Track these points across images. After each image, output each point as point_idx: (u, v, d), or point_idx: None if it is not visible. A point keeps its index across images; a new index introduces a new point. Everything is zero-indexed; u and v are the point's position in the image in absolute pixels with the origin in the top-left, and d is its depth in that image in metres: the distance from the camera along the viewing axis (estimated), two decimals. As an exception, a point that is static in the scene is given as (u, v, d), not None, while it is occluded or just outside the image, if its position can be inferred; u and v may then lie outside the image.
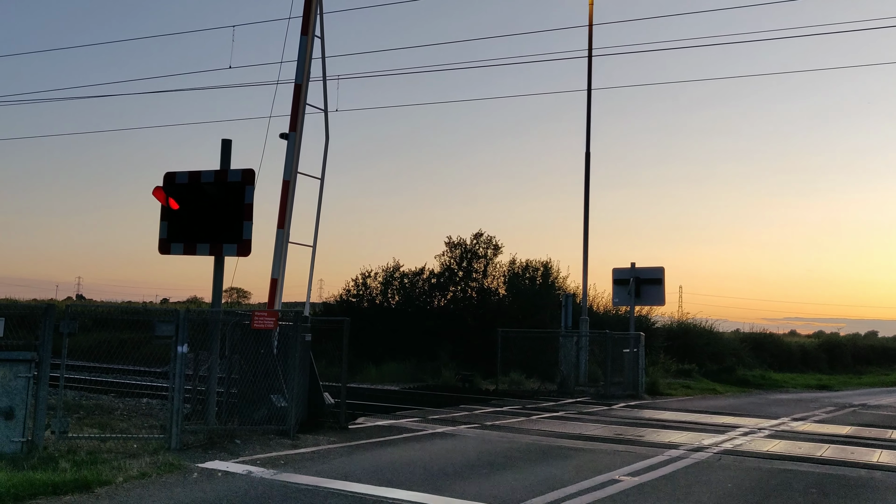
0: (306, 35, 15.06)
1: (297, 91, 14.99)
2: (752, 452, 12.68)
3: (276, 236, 14.26)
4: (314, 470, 9.85)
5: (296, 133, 14.70)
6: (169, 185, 13.20)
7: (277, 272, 13.91)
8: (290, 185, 14.56)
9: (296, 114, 14.86)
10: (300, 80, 15.00)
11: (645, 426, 15.99)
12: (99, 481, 8.50)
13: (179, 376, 11.18)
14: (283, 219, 14.34)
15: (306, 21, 15.10)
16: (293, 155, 14.64)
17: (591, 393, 23.66)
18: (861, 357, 53.17)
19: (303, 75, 15.00)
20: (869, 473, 11.06)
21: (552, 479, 9.81)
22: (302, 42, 15.05)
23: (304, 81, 14.99)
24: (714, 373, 34.23)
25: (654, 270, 26.50)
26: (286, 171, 14.62)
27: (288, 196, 14.55)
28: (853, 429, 16.87)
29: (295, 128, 14.73)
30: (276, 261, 14.11)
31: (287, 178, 14.55)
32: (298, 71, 15.06)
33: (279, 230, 14.26)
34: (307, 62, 15.05)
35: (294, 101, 14.95)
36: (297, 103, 14.92)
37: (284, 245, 14.29)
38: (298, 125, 14.81)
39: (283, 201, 14.53)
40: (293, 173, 14.61)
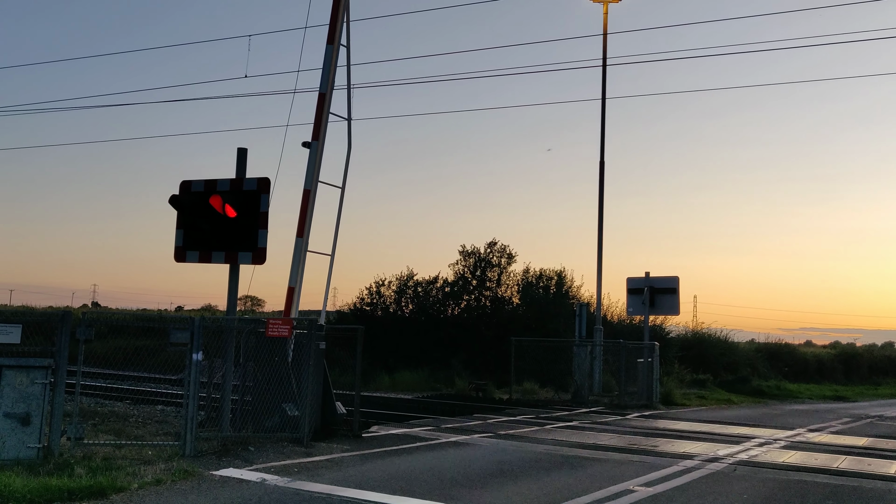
0: (332, 44, 14.97)
1: (320, 100, 14.87)
2: (767, 463, 12.59)
3: (295, 245, 14.20)
4: (328, 478, 9.86)
5: (318, 142, 14.61)
6: (185, 193, 13.29)
7: (295, 281, 13.90)
8: (311, 195, 14.47)
9: (319, 123, 14.75)
10: (324, 90, 14.87)
11: (659, 436, 15.91)
12: (114, 488, 8.54)
13: (194, 383, 11.23)
14: (302, 228, 14.26)
15: (332, 30, 15.03)
16: (315, 164, 14.52)
17: (605, 403, 23.57)
18: (878, 368, 52.68)
19: (327, 84, 14.88)
20: (886, 485, 10.96)
21: (566, 488, 9.78)
22: (328, 51, 14.96)
23: (328, 91, 14.87)
24: (729, 383, 34.02)
25: (668, 280, 26.40)
26: (307, 180, 14.53)
27: (308, 205, 14.46)
28: (870, 440, 16.72)
29: (317, 137, 14.63)
30: (293, 269, 14.07)
31: (308, 188, 14.46)
32: (323, 80, 14.94)
33: (298, 239, 14.20)
34: (332, 71, 14.95)
35: (318, 110, 14.83)
36: (321, 112, 14.79)
37: (303, 254, 14.28)
38: (321, 134, 14.71)
39: (304, 210, 14.41)
40: (314, 182, 14.53)
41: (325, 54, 14.99)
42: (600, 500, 9.14)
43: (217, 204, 12.83)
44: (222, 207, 12.87)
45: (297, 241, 14.20)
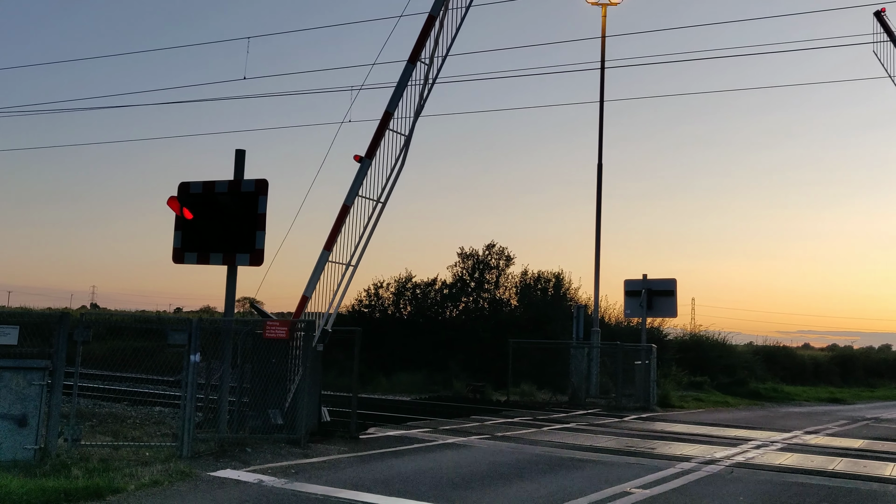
0: (413, 63, 14.76)
1: (385, 118, 14.56)
2: (764, 465, 12.62)
3: (321, 257, 13.95)
4: (325, 479, 9.87)
5: (371, 161, 14.32)
6: (183, 195, 13.30)
7: (311, 291, 13.81)
8: (350, 210, 14.18)
9: (377, 141, 14.46)
10: (392, 109, 14.57)
11: (656, 438, 15.93)
12: (111, 489, 8.55)
13: (191, 385, 11.24)
14: (332, 241, 14.00)
15: (417, 51, 14.83)
16: (361, 181, 14.28)
17: (602, 405, 23.59)
18: (874, 370, 52.72)
19: (397, 104, 14.59)
20: (882, 487, 10.99)
21: (563, 490, 9.80)
22: (407, 69, 14.70)
23: (395, 109, 14.58)
24: (726, 385, 34.04)
25: (666, 282, 26.41)
26: (349, 196, 14.21)
27: (345, 220, 14.14)
28: (866, 442, 16.75)
29: (372, 155, 14.33)
30: (312, 279, 13.88)
31: (348, 204, 14.17)
32: (394, 99, 14.62)
33: (325, 252, 13.96)
34: (407, 89, 14.71)
35: (380, 127, 14.48)
36: (382, 130, 14.49)
37: (326, 265, 14.10)
38: (379, 153, 14.40)
39: (338, 225, 14.09)
40: (356, 198, 14.26)
41: (402, 72, 14.69)
42: (597, 502, 9.17)
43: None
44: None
45: (323, 254, 13.97)
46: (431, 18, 15.06)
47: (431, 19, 15.06)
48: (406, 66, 14.86)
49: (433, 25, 15.06)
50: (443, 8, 15.14)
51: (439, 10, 15.10)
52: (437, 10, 15.05)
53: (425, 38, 15.00)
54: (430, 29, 15.01)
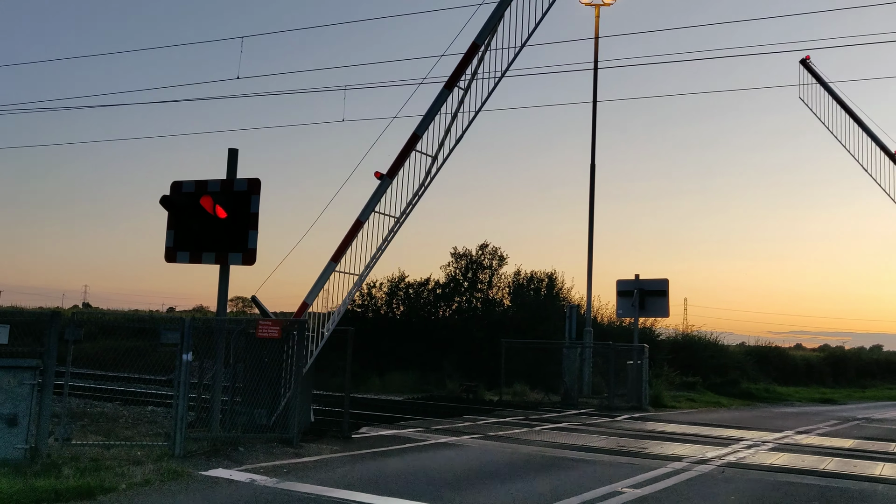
0: (449, 89, 14.62)
1: (413, 140, 14.47)
2: (755, 465, 12.66)
3: (326, 267, 13.93)
4: (317, 479, 9.87)
5: (391, 180, 14.28)
6: (176, 194, 13.29)
7: (312, 299, 13.79)
8: (362, 226, 14.19)
9: (402, 161, 14.39)
10: (421, 132, 14.48)
11: (648, 438, 15.97)
12: (102, 488, 8.53)
13: (184, 384, 11.23)
14: (340, 254, 13.98)
15: (455, 77, 14.66)
16: (378, 199, 14.26)
17: (594, 404, 23.64)
18: (865, 371, 52.98)
19: (426, 127, 14.51)
20: (871, 486, 11.04)
21: (554, 490, 9.82)
22: (442, 95, 14.58)
23: (424, 133, 14.50)
24: (718, 385, 34.15)
25: (658, 282, 26.51)
26: (364, 212, 14.18)
27: (356, 235, 14.14)
28: (856, 442, 16.83)
29: (393, 175, 14.26)
30: (315, 287, 13.85)
31: (362, 220, 14.15)
32: (424, 122, 14.52)
33: (332, 263, 13.95)
34: (439, 115, 14.60)
35: (405, 149, 14.40)
36: (408, 151, 14.42)
37: (331, 275, 14.10)
38: (401, 173, 14.36)
39: (349, 239, 14.08)
40: (370, 214, 14.22)
41: (437, 98, 14.57)
42: (589, 502, 9.18)
43: (208, 205, 12.84)
44: (213, 208, 12.87)
45: (330, 265, 13.94)
46: (475, 46, 14.75)
47: (475, 47, 14.76)
48: (441, 91, 14.62)
49: (476, 53, 14.78)
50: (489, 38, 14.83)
51: (485, 38, 14.78)
52: (483, 38, 14.75)
53: (466, 65, 14.72)
54: (472, 57, 14.75)
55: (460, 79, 14.71)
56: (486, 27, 14.81)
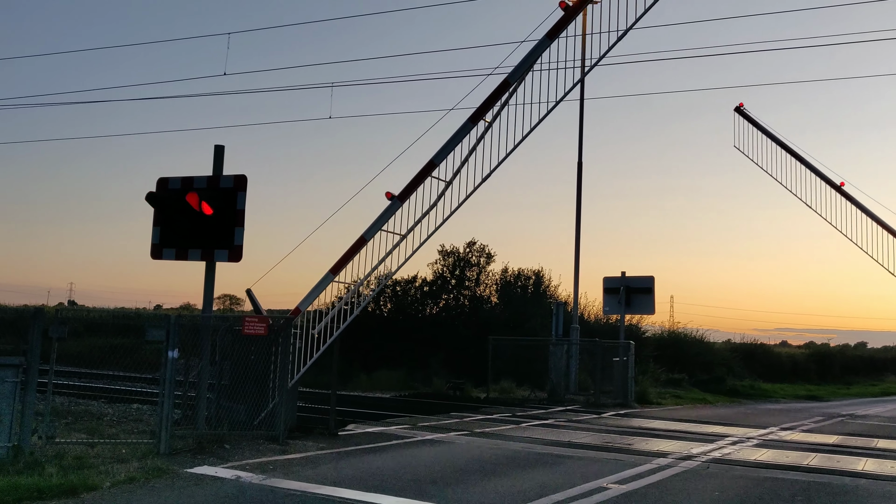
0: (473, 122, 14.58)
1: (429, 167, 14.51)
2: (740, 461, 12.73)
3: (324, 278, 14.02)
4: (303, 476, 9.86)
5: (401, 204, 14.33)
6: (162, 191, 13.23)
7: (306, 306, 13.79)
8: (366, 244, 14.29)
9: (415, 186, 14.42)
10: (438, 161, 14.51)
11: (634, 435, 16.04)
12: (86, 486, 8.49)
13: (169, 381, 11.19)
14: (340, 267, 14.09)
15: (482, 111, 14.63)
16: (386, 219, 14.32)
17: (580, 401, 23.70)
18: (850, 368, 53.32)
19: (444, 157, 14.50)
20: (854, 481, 11.13)
21: (540, 486, 9.85)
22: (465, 127, 14.56)
23: (442, 162, 14.53)
24: (704, 382, 34.30)
25: (644, 280, 26.60)
26: (370, 230, 14.25)
27: (359, 251, 14.27)
28: (840, 438, 16.96)
29: (404, 198, 14.32)
30: (311, 295, 13.92)
31: (366, 238, 14.23)
32: (444, 151, 14.48)
33: (330, 274, 14.03)
34: (462, 146, 14.60)
35: (420, 175, 14.43)
36: (423, 177, 14.46)
37: (328, 286, 14.11)
38: (412, 198, 14.42)
39: (350, 254, 14.21)
40: (376, 233, 14.30)
41: (459, 129, 14.55)
42: (574, 498, 9.22)
43: (194, 201, 12.79)
44: (199, 205, 12.83)
45: (328, 276, 14.02)
46: (507, 84, 14.69)
47: (507, 84, 14.69)
48: (465, 123, 14.56)
49: (506, 91, 14.72)
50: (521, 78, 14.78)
51: (517, 78, 14.72)
52: (515, 77, 14.69)
53: (494, 101, 14.66)
54: (501, 93, 14.68)
55: (487, 113, 14.65)
56: (519, 67, 14.74)
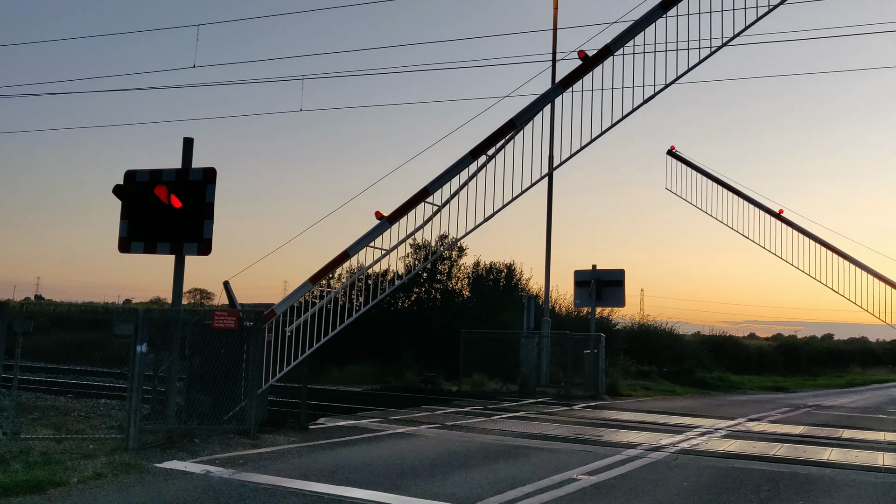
0: (474, 157, 14.44)
1: (422, 194, 14.45)
2: (708, 452, 12.89)
3: (303, 285, 14.03)
4: (273, 469, 9.83)
5: (390, 226, 14.32)
6: (129, 183, 13.07)
7: (281, 309, 13.76)
8: (349, 259, 14.34)
9: (406, 210, 14.41)
10: (433, 189, 14.42)
11: (604, 426, 16.17)
12: (52, 482, 8.39)
13: (138, 376, 11.09)
14: (319, 278, 14.10)
15: (483, 148, 14.48)
16: (373, 238, 14.33)
17: (552, 393, 23.84)
18: (816, 359, 54.17)
19: (440, 186, 14.43)
20: (819, 471, 11.31)
21: (511, 478, 9.90)
22: (465, 160, 14.41)
23: (437, 191, 14.48)
24: (673, 374, 34.68)
25: (614, 273, 26.80)
26: (354, 247, 14.27)
27: (341, 264, 14.35)
28: (806, 428, 17.22)
29: (394, 220, 14.31)
30: (288, 300, 13.92)
31: (350, 253, 14.26)
32: (439, 181, 14.39)
33: (309, 283, 14.03)
34: (458, 179, 14.50)
35: (414, 200, 14.36)
36: (415, 203, 14.41)
37: (305, 293, 14.08)
38: (401, 221, 14.40)
39: (331, 267, 14.27)
40: (360, 250, 14.32)
41: (458, 162, 14.44)
42: (544, 489, 9.28)
43: (162, 194, 12.65)
44: (168, 198, 12.70)
45: (307, 284, 14.04)
46: (512, 124, 14.56)
47: (511, 125, 14.56)
48: (465, 156, 14.44)
49: (510, 131, 14.58)
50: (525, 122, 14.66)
51: (523, 122, 14.59)
52: (521, 121, 14.56)
53: (497, 139, 14.52)
54: (505, 133, 14.55)
55: (489, 149, 14.54)
56: (527, 111, 14.61)
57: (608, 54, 14.27)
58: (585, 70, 14.35)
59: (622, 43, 14.11)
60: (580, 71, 14.40)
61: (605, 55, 14.26)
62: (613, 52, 14.21)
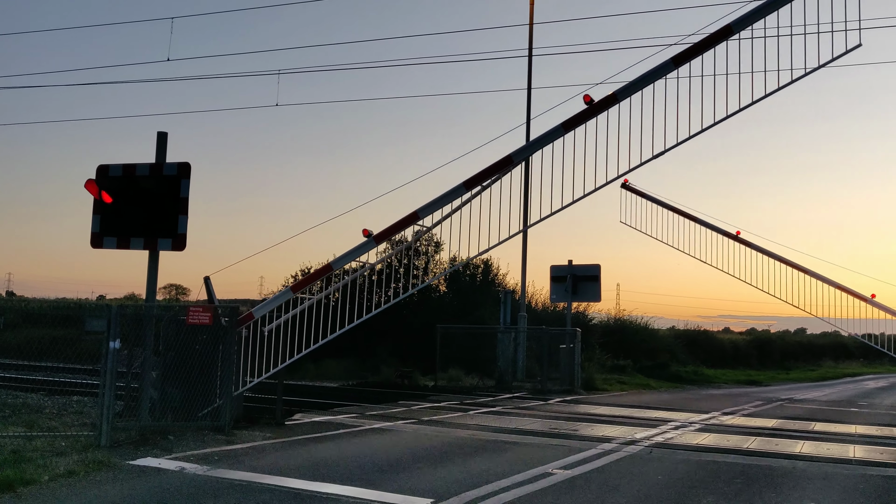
0: (467, 188, 14.37)
1: (412, 218, 14.49)
2: (682, 445, 13.00)
3: (284, 292, 14.13)
4: (248, 465, 9.78)
5: (377, 245, 14.42)
6: (102, 178, 12.93)
7: (260, 314, 13.70)
8: (331, 271, 14.47)
9: (394, 232, 14.60)
10: (424, 215, 14.46)
11: (579, 420, 16.25)
12: (23, 480, 8.29)
13: (111, 372, 10.98)
14: (301, 286, 14.20)
15: (478, 179, 14.39)
16: (356, 254, 14.40)
17: (528, 388, 23.93)
18: (789, 353, 54.74)
19: (429, 213, 14.47)
20: (791, 464, 11.45)
21: (486, 472, 9.92)
22: (458, 190, 14.37)
23: (427, 217, 14.58)
24: (648, 368, 34.91)
25: (590, 268, 26.94)
26: (338, 261, 14.40)
27: (323, 276, 14.46)
28: (779, 422, 17.42)
29: (380, 240, 14.43)
30: (267, 304, 13.93)
31: (333, 267, 14.37)
32: (430, 207, 14.40)
33: (290, 291, 14.10)
34: (451, 208, 14.51)
35: (402, 222, 14.53)
36: (403, 226, 14.58)
37: (288, 300, 14.10)
38: (386, 241, 14.59)
39: (314, 277, 14.45)
40: (343, 265, 14.44)
41: (451, 191, 14.37)
42: (519, 483, 9.31)
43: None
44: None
45: (287, 292, 14.10)
46: (509, 160, 14.47)
47: (508, 161, 14.47)
48: (458, 187, 14.40)
49: (507, 166, 14.48)
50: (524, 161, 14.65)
51: (521, 159, 14.54)
52: (519, 158, 14.49)
53: (492, 173, 14.45)
54: (500, 168, 14.47)
55: (483, 182, 14.48)
56: (526, 149, 14.57)
57: (614, 102, 13.97)
58: (589, 115, 14.07)
59: (629, 93, 13.83)
60: (584, 115, 14.11)
61: (610, 102, 13.95)
62: (619, 100, 13.90)
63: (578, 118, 14.13)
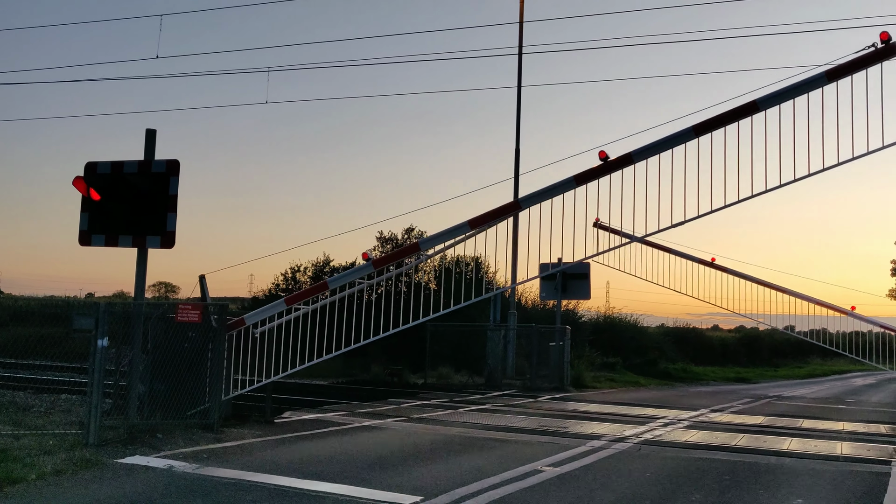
0: (472, 227, 14.36)
1: (413, 248, 15.35)
2: (671, 442, 13.05)
3: (277, 304, 14.15)
4: (237, 463, 9.76)
5: (375, 269, 14.54)
6: (90, 175, 12.86)
7: (252, 321, 13.70)
8: (327, 288, 14.43)
9: (393, 259, 14.95)
10: (426, 247, 14.98)
11: (569, 418, 16.29)
12: (9, 479, 8.24)
13: (99, 370, 10.92)
14: (294, 300, 14.19)
15: (483, 220, 14.33)
16: (353, 275, 14.55)
17: (517, 386, 23.97)
18: (778, 351, 55.01)
19: (431, 245, 14.90)
20: (779, 460, 11.52)
21: (476, 469, 9.93)
22: (462, 228, 14.39)
23: (429, 249, 15.10)
24: (638, 366, 35.04)
25: (580, 266, 26.88)
26: (335, 280, 14.44)
27: (319, 292, 14.46)
28: (767, 419, 17.51)
29: (378, 266, 14.57)
30: (260, 312, 13.98)
31: (330, 286, 14.36)
32: (432, 241, 14.80)
33: (284, 303, 14.13)
34: (454, 241, 14.58)
35: (404, 251, 15.30)
36: (405, 253, 15.23)
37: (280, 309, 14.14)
38: (387, 266, 14.72)
39: (308, 293, 14.45)
40: (340, 283, 14.46)
41: (457, 227, 14.40)
42: (509, 481, 9.32)
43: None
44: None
45: (281, 303, 14.15)
46: (516, 205, 14.64)
47: (515, 206, 14.63)
48: (463, 224, 14.42)
49: (512, 211, 14.65)
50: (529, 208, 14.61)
51: (528, 204, 14.46)
52: (527, 204, 14.44)
53: (498, 215, 14.45)
54: (506, 212, 14.53)
55: (487, 222, 14.45)
56: (533, 197, 14.45)
57: (629, 162, 13.86)
58: (602, 172, 14.00)
59: (645, 156, 13.72)
60: (597, 171, 14.04)
61: (625, 162, 13.83)
62: (635, 161, 13.78)
63: (592, 173, 14.09)
